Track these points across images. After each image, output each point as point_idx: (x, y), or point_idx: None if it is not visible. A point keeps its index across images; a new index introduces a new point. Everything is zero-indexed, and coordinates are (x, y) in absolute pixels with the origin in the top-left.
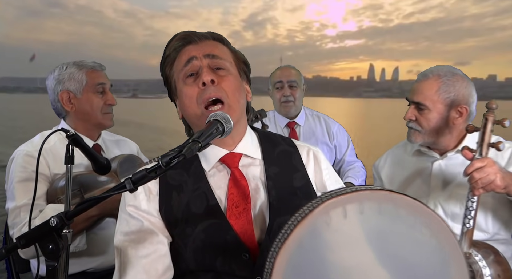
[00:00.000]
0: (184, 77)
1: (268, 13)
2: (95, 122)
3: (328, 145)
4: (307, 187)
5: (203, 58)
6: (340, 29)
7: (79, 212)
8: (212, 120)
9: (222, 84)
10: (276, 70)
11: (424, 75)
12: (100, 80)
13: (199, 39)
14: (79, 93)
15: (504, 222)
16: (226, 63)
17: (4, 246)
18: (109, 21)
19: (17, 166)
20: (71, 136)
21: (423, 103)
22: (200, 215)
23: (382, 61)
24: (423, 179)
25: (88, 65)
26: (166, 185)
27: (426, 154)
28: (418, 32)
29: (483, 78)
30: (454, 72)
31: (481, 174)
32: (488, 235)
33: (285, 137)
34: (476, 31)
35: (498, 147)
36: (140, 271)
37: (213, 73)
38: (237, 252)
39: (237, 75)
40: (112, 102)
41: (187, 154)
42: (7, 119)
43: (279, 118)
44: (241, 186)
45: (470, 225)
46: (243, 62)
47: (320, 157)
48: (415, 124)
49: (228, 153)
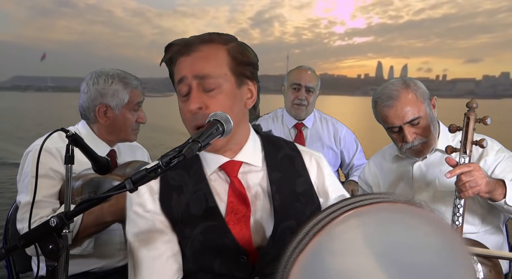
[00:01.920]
0: (179, 94)
1: (275, 11)
2: (123, 137)
3: (333, 150)
4: (310, 192)
5: (192, 79)
6: (348, 26)
7: (79, 212)
8: (212, 120)
9: (211, 108)
10: (296, 70)
11: (390, 97)
12: (139, 99)
13: (189, 49)
14: (117, 110)
15: (486, 213)
16: (219, 80)
17: (4, 246)
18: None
19: (34, 160)
20: (71, 136)
21: (417, 116)
22: (199, 217)
23: (391, 59)
24: (406, 183)
25: (133, 84)
26: (166, 185)
27: (405, 158)
28: (428, 29)
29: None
30: (406, 79)
31: (468, 178)
32: (477, 228)
33: (288, 141)
34: (489, 27)
35: (482, 145)
36: (154, 272)
37: (203, 95)
38: (235, 255)
39: (231, 89)
40: (143, 120)
41: (187, 154)
42: (14, 117)
43: (287, 118)
44: (240, 194)
45: (459, 222)
46: (244, 64)
47: (322, 163)
48: (420, 138)
49: (229, 161)
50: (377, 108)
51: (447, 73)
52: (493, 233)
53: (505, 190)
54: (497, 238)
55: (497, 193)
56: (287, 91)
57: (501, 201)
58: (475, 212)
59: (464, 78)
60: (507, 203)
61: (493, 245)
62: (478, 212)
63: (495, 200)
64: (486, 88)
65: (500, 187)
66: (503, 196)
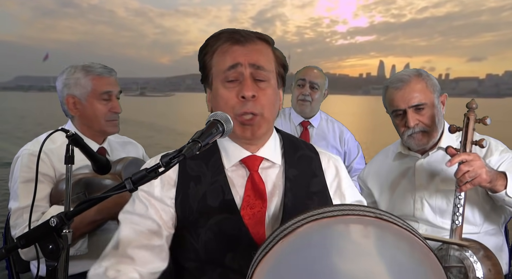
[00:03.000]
0: (225, 80)
1: (277, 10)
2: (98, 128)
3: (338, 150)
4: (324, 193)
5: (247, 67)
6: (350, 25)
7: (79, 212)
8: (212, 120)
9: (260, 99)
10: (303, 68)
11: (401, 80)
12: (106, 88)
13: (246, 40)
14: (84, 99)
15: (487, 214)
16: (269, 74)
17: (4, 246)
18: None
19: (22, 166)
20: (71, 136)
21: (424, 102)
22: (215, 208)
23: (393, 58)
24: (408, 179)
25: (95, 71)
26: (184, 174)
27: (408, 156)
28: (431, 27)
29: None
30: (418, 69)
31: (468, 167)
32: (478, 228)
33: (308, 143)
34: (494, 26)
35: (482, 144)
36: (134, 241)
37: (254, 85)
38: (247, 249)
39: (275, 86)
40: (117, 110)
41: (187, 154)
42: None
43: (294, 116)
44: (259, 189)
45: (459, 222)
46: (282, 66)
47: (340, 166)
48: (421, 126)
49: (250, 155)
50: (387, 92)
51: (450, 72)
52: (493, 234)
53: (506, 181)
54: (497, 239)
55: (498, 183)
56: (293, 88)
57: (502, 192)
58: (477, 211)
59: (467, 77)
60: (508, 194)
61: (493, 246)
62: (480, 211)
63: (495, 191)
64: (489, 87)
65: (501, 178)
66: (503, 187)
